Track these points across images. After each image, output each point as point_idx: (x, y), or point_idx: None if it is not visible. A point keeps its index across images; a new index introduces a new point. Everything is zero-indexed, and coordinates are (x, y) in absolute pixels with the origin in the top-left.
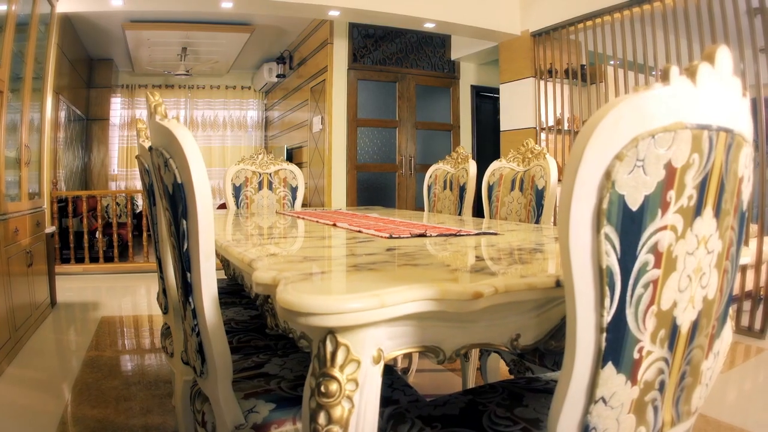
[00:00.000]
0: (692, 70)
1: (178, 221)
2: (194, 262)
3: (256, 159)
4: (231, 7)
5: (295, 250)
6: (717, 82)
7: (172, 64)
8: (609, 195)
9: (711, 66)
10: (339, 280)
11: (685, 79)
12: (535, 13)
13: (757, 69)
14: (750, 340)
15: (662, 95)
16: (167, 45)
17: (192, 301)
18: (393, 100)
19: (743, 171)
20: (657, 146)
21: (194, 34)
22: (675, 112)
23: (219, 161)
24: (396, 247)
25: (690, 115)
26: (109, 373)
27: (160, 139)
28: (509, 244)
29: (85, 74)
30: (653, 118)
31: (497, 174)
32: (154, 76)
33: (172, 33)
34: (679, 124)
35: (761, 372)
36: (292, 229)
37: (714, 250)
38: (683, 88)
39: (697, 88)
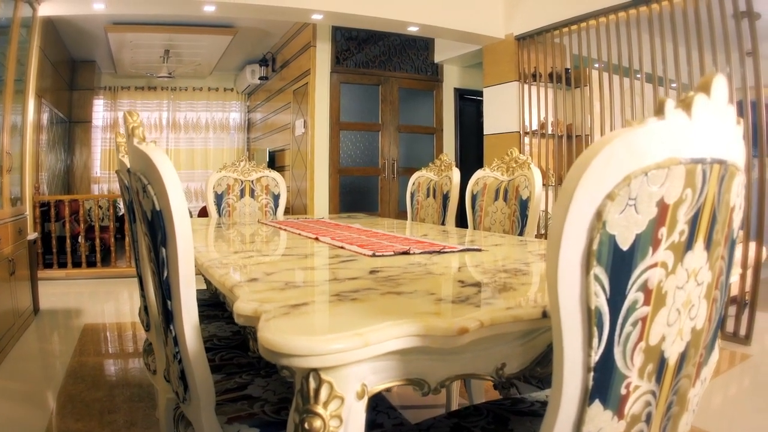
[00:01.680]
0: (687, 102)
1: (158, 248)
2: (174, 291)
3: (237, 166)
4: (214, 10)
5: (277, 274)
6: (712, 113)
7: (155, 66)
8: (599, 236)
9: (707, 96)
10: (322, 314)
11: (680, 112)
12: (519, 16)
13: (744, 72)
14: (735, 346)
15: (656, 130)
16: (150, 47)
17: (173, 329)
18: (376, 103)
19: (735, 200)
20: (650, 184)
21: (177, 36)
22: (669, 147)
23: (201, 164)
24: (379, 268)
25: (684, 150)
26: (93, 384)
27: (138, 163)
28: (494, 263)
29: (67, 76)
30: (646, 155)
31: (481, 183)
32: (136, 78)
33: (155, 35)
34: (672, 160)
35: (747, 379)
36: (274, 245)
37: (704, 282)
38: (678, 122)
39: (692, 121)
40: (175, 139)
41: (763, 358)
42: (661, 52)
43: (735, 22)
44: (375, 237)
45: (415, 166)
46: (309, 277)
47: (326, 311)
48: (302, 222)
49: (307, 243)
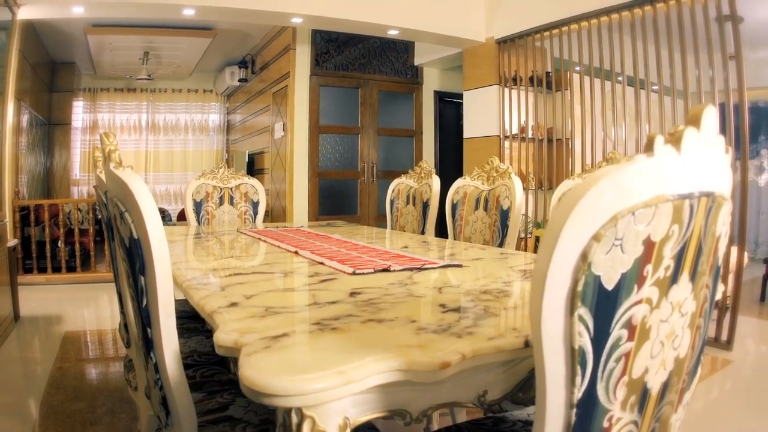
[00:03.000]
0: (677, 136)
1: (136, 276)
2: (154, 320)
3: (216, 173)
4: (193, 14)
5: (257, 297)
6: (701, 147)
7: (134, 68)
8: (584, 277)
9: (697, 130)
10: (302, 348)
11: (670, 147)
12: (500, 20)
13: (726, 75)
14: (717, 351)
15: (645, 168)
16: (129, 49)
17: (154, 356)
18: (355, 106)
19: (721, 229)
20: (637, 223)
21: (156, 38)
22: (657, 184)
23: (180, 166)
24: (359, 289)
25: (672, 186)
26: (74, 395)
27: (115, 188)
28: (475, 282)
29: (47, 78)
30: (634, 194)
31: (461, 192)
32: (116, 80)
33: (134, 37)
34: (660, 197)
35: (728, 385)
36: (253, 260)
37: (688, 312)
38: (667, 159)
39: (682, 155)
40: (155, 141)
41: (744, 364)
42: (643, 55)
43: (718, 25)
44: (355, 250)
45: (395, 170)
46: (289, 301)
47: (307, 344)
48: (281, 232)
49: (286, 258)
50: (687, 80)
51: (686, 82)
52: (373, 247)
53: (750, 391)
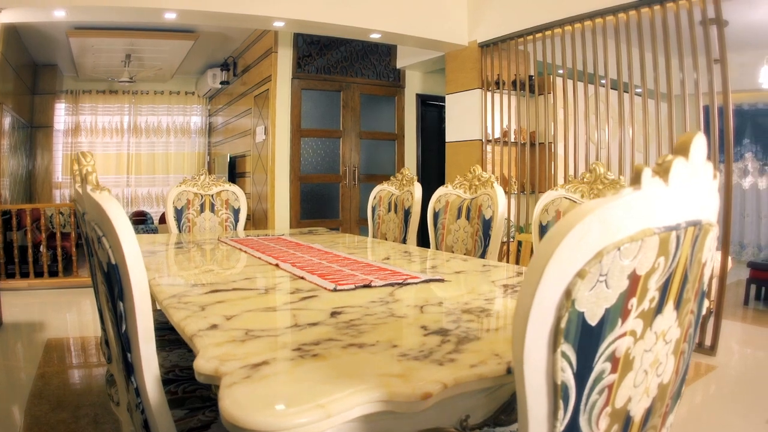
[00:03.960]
0: (665, 167)
1: (115, 301)
2: (134, 345)
3: (197, 180)
4: (175, 18)
5: (238, 318)
6: (689, 175)
7: (116, 70)
8: (568, 314)
9: (685, 159)
10: (283, 378)
11: (657, 180)
12: (483, 24)
13: (711, 78)
14: (700, 357)
15: (631, 202)
16: (111, 52)
17: (134, 381)
18: (337, 109)
19: (707, 255)
20: (622, 258)
21: (138, 41)
22: (644, 218)
23: (162, 168)
24: (340, 309)
25: (659, 219)
26: (58, 405)
27: (93, 211)
28: (457, 298)
29: (29, 81)
30: (620, 229)
31: (443, 200)
32: (98, 82)
33: (117, 40)
34: (646, 231)
35: (712, 391)
36: (234, 275)
37: (672, 339)
38: (654, 191)
39: (669, 187)
40: (136, 144)
41: (728, 369)
42: (627, 58)
43: (703, 29)
44: (336, 262)
45: (377, 173)
46: (269, 323)
47: (287, 373)
48: (262, 241)
49: (267, 271)
50: (671, 83)
51: (670, 85)
52: (354, 259)
53: (734, 397)
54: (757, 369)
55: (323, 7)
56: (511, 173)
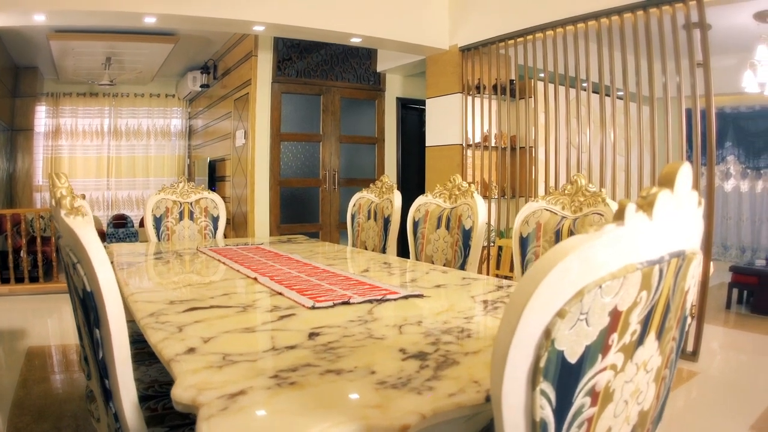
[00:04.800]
0: (650, 201)
1: (91, 328)
2: (111, 372)
3: (176, 188)
4: (154, 22)
5: (215, 340)
6: (674, 207)
7: (97, 73)
8: (547, 353)
9: (670, 191)
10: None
11: (641, 215)
12: (464, 28)
13: (694, 82)
14: (682, 362)
15: (614, 239)
16: (92, 55)
17: (113, 406)
18: (317, 113)
19: (690, 282)
20: (603, 295)
21: (119, 44)
22: (626, 254)
23: (143, 171)
24: (318, 329)
25: (642, 254)
26: (39, 415)
27: (67, 236)
28: (436, 317)
29: (9, 83)
30: (602, 267)
31: (423, 210)
32: (79, 84)
33: (97, 43)
34: (629, 267)
35: (694, 397)
36: (212, 290)
37: (653, 368)
38: (638, 226)
39: (653, 221)
40: (117, 147)
41: (710, 375)
42: (608, 61)
43: (686, 33)
44: (315, 275)
45: (357, 177)
46: (247, 346)
47: (265, 404)
48: (241, 250)
49: (245, 286)
50: (653, 87)
51: (652, 88)
52: (333, 272)
53: (717, 403)
54: (740, 374)
55: (303, 11)
56: (491, 178)
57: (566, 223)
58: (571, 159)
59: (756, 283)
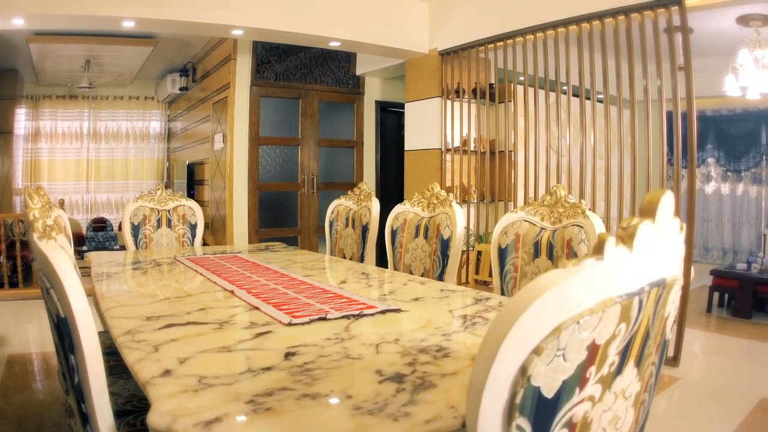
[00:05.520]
0: (630, 232)
1: (67, 353)
2: (87, 397)
3: (154, 195)
4: (133, 26)
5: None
6: (655, 238)
7: (77, 75)
8: (523, 390)
9: (651, 222)
10: None
11: (621, 248)
12: (444, 32)
13: (675, 85)
14: (663, 368)
15: (593, 274)
16: (71, 57)
17: (90, 430)
18: (296, 116)
19: (670, 308)
20: (581, 331)
21: (98, 47)
22: (605, 289)
23: (122, 174)
24: (295, 348)
25: (622, 287)
26: (20, 425)
27: (40, 260)
28: (413, 334)
29: None
30: (580, 303)
31: (401, 218)
32: (58, 87)
33: (76, 46)
34: (608, 301)
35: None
36: (188, 304)
37: (632, 394)
38: (618, 260)
39: (634, 253)
40: (96, 150)
41: (691, 380)
42: (589, 65)
43: (668, 36)
44: (292, 287)
45: (336, 181)
46: (223, 367)
47: None
48: (218, 260)
49: (222, 300)
50: (634, 90)
51: (633, 91)
52: (311, 283)
53: (698, 409)
54: (721, 379)
55: (282, 15)
56: (470, 182)
57: (545, 235)
58: (551, 163)
59: (737, 287)
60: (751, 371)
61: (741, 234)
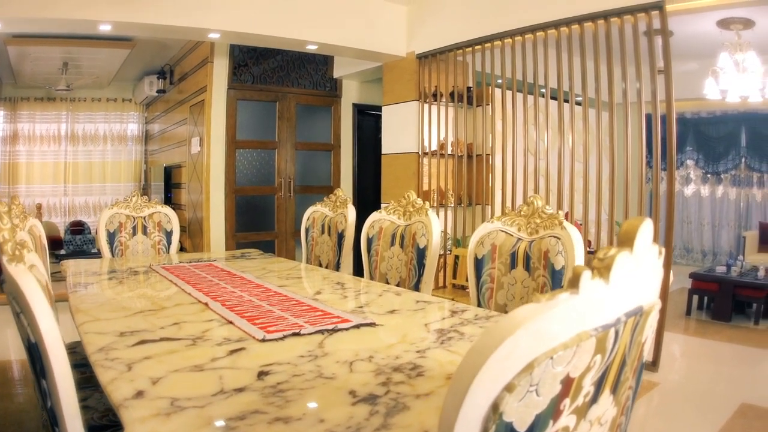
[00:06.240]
0: (607, 264)
1: (38, 377)
2: (60, 421)
3: (129, 202)
4: (110, 29)
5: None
6: (633, 267)
7: (54, 78)
8: (495, 426)
9: (629, 251)
10: None
11: (597, 281)
12: (422, 35)
13: (654, 87)
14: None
15: (567, 309)
16: (49, 60)
17: None
18: (273, 120)
19: (648, 333)
20: (555, 366)
21: (76, 49)
22: (580, 322)
23: (99, 177)
24: (268, 367)
25: (597, 320)
26: None
27: (9, 283)
28: (388, 350)
29: None
30: (554, 338)
31: (377, 226)
32: (36, 89)
33: (54, 48)
34: (582, 335)
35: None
36: (162, 318)
37: (608, 420)
38: (594, 293)
39: (610, 285)
40: (74, 152)
41: (671, 385)
42: (567, 67)
43: (648, 39)
44: (267, 299)
45: (313, 185)
46: (196, 388)
47: None
48: (193, 269)
49: (196, 313)
50: (613, 92)
51: (612, 94)
52: (285, 295)
53: (677, 414)
54: (702, 383)
55: (259, 18)
56: (448, 186)
57: (522, 246)
58: (528, 166)
59: (716, 290)
60: (731, 375)
61: (721, 236)
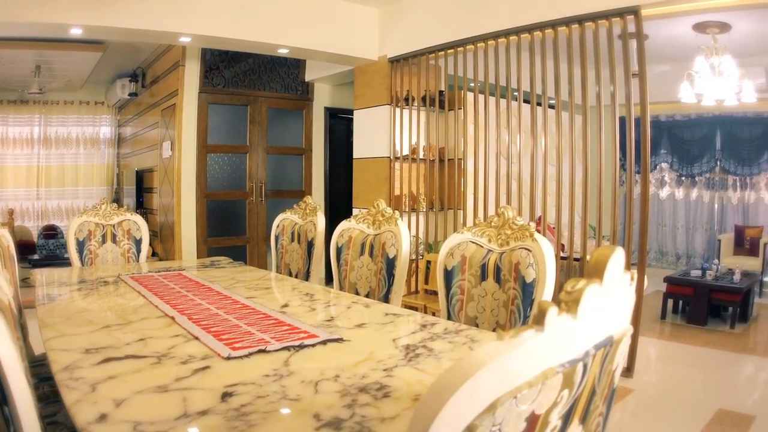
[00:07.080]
0: (575, 297)
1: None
2: None
3: (99, 210)
4: (80, 33)
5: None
6: (603, 298)
7: (27, 81)
8: None
9: (599, 283)
10: None
11: (564, 316)
12: (394, 39)
13: (629, 91)
14: None
15: (532, 347)
16: (21, 63)
17: None
18: (244, 124)
19: (618, 360)
20: (519, 404)
21: (48, 52)
22: (546, 359)
23: (72, 181)
24: (232, 388)
25: (564, 355)
26: None
27: None
28: (354, 369)
29: None
30: (518, 377)
31: (346, 235)
32: (9, 92)
33: (26, 51)
34: (548, 372)
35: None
36: (128, 333)
37: None
38: (560, 329)
39: (578, 319)
40: (46, 156)
41: (645, 392)
42: (540, 71)
43: (622, 42)
44: (234, 312)
45: (284, 189)
46: (159, 410)
47: None
48: (162, 278)
49: (162, 328)
50: (587, 95)
51: (586, 97)
52: (253, 308)
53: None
54: (677, 389)
55: (230, 22)
56: (420, 190)
57: (492, 257)
58: (501, 170)
59: (691, 294)
60: (707, 380)
61: (695, 238)
